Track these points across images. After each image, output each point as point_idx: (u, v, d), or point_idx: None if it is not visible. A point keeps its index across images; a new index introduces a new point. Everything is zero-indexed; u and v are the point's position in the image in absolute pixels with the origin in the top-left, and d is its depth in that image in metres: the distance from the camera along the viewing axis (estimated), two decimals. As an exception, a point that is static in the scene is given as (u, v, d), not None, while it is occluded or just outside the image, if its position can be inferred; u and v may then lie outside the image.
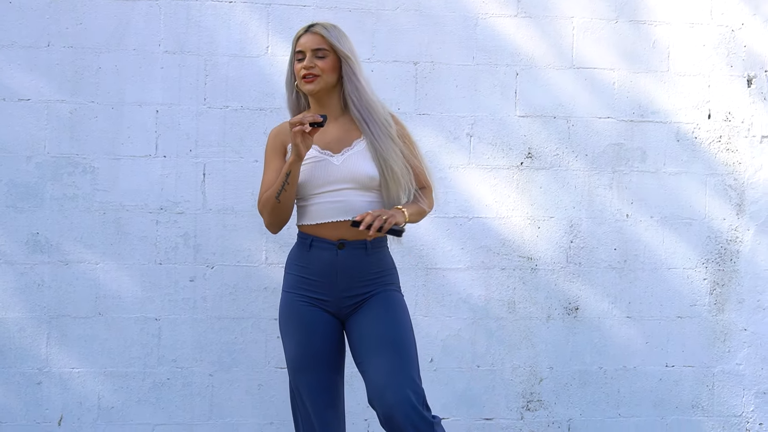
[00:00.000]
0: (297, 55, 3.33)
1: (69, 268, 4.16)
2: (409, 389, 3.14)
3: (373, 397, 3.17)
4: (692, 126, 4.57)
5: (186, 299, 4.23)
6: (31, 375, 4.15)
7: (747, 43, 4.60)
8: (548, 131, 4.47)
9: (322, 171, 3.28)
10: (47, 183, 4.15)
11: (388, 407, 3.11)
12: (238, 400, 4.26)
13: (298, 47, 3.33)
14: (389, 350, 3.19)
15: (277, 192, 3.24)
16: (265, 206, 3.30)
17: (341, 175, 3.28)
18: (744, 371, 4.60)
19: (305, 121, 3.14)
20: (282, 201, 3.25)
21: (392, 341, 3.21)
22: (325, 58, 3.31)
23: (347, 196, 3.28)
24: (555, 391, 4.48)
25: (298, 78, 3.33)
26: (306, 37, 3.33)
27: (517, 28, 4.44)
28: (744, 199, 4.60)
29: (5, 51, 4.12)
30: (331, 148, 3.31)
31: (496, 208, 4.44)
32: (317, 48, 3.31)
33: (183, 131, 4.23)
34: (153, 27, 4.21)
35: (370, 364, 3.20)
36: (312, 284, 3.29)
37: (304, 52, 3.32)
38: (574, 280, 4.49)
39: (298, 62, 3.33)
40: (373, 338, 3.22)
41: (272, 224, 3.33)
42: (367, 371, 3.20)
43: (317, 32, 3.33)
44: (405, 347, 3.22)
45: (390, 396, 3.12)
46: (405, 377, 3.15)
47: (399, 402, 3.11)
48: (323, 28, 3.34)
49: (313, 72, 3.30)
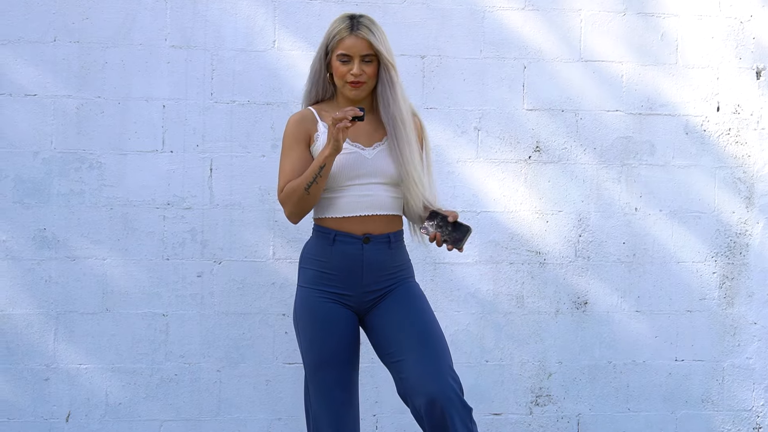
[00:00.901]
0: (341, 56, 3.28)
1: (76, 264, 4.17)
2: (450, 377, 3.18)
3: (413, 387, 3.18)
4: (701, 119, 4.57)
5: (193, 295, 4.23)
6: (39, 371, 4.15)
7: (756, 35, 4.60)
8: (556, 125, 4.47)
9: (353, 163, 3.27)
10: (54, 179, 4.15)
11: (432, 395, 3.13)
12: (246, 395, 4.27)
13: (343, 49, 3.27)
14: (424, 341, 3.22)
15: (308, 183, 3.22)
16: (290, 197, 3.27)
17: (372, 169, 3.28)
18: (754, 365, 4.60)
19: (348, 115, 3.13)
20: (311, 193, 3.24)
21: (425, 332, 3.24)
22: (371, 63, 3.29)
23: (375, 191, 3.28)
24: (564, 386, 4.48)
25: (342, 80, 3.29)
26: (353, 41, 3.27)
27: (524, 21, 4.44)
28: (753, 192, 4.60)
29: (11, 46, 4.12)
30: (362, 141, 3.31)
31: (505, 202, 4.44)
32: (365, 54, 3.28)
33: (190, 126, 4.23)
34: (159, 22, 4.21)
35: (404, 355, 3.21)
36: (333, 279, 3.29)
37: (351, 56, 3.27)
38: (583, 274, 4.49)
39: (343, 64, 3.28)
40: (404, 332, 3.24)
41: (294, 214, 3.31)
42: (401, 362, 3.21)
43: (365, 37, 3.27)
44: (437, 337, 3.25)
45: (432, 384, 3.14)
46: (444, 366, 3.19)
47: (442, 389, 3.14)
48: (369, 32, 3.28)
49: (361, 79, 3.28)
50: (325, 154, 3.19)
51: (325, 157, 3.19)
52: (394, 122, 3.30)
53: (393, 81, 3.31)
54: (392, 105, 3.30)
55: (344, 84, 3.30)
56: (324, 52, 3.33)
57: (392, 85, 3.31)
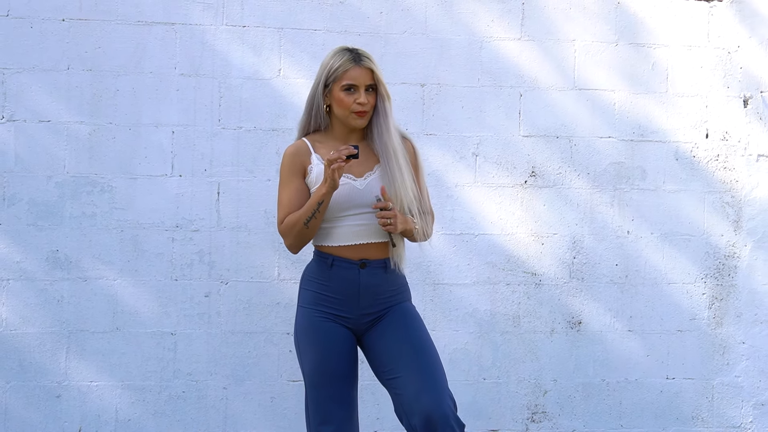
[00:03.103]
0: (347, 86, 3.34)
1: (87, 285, 4.25)
2: (446, 395, 3.24)
3: (409, 404, 3.24)
4: (690, 145, 4.65)
5: (201, 314, 4.31)
6: (51, 388, 4.23)
7: (743, 65, 4.69)
8: (551, 150, 4.56)
9: (346, 195, 3.35)
10: (67, 202, 4.23)
11: (428, 413, 3.19)
12: (252, 412, 4.34)
13: (349, 80, 3.34)
14: (420, 360, 3.28)
15: (307, 218, 3.31)
16: (291, 230, 3.37)
17: (364, 199, 3.36)
18: (743, 383, 4.67)
19: (342, 155, 3.22)
20: (310, 227, 3.33)
21: (421, 352, 3.30)
22: (372, 93, 3.38)
23: (369, 220, 3.36)
24: (559, 403, 4.55)
25: (347, 110, 3.36)
26: (358, 71, 3.35)
27: (520, 51, 4.54)
28: (741, 216, 4.68)
29: (27, 74, 4.21)
30: (354, 172, 3.38)
31: (501, 225, 4.52)
32: (369, 84, 3.37)
33: (198, 151, 4.31)
34: (169, 51, 4.30)
35: (401, 374, 3.27)
36: (332, 301, 3.37)
37: (356, 86, 3.35)
38: (577, 295, 4.57)
39: (348, 94, 3.35)
40: (401, 350, 3.31)
41: (294, 246, 3.40)
42: (397, 380, 3.28)
43: (369, 67, 3.36)
44: (433, 357, 3.31)
45: (428, 402, 3.20)
46: (440, 385, 3.25)
47: (438, 407, 3.19)
48: (371, 62, 3.38)
49: (366, 108, 3.36)
50: (321, 192, 3.28)
51: (322, 194, 3.28)
52: (386, 151, 3.37)
53: (386, 111, 3.40)
54: (385, 134, 3.38)
55: (349, 114, 3.37)
56: (323, 84, 3.39)
57: (386, 116, 3.40)
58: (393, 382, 3.31)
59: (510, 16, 4.52)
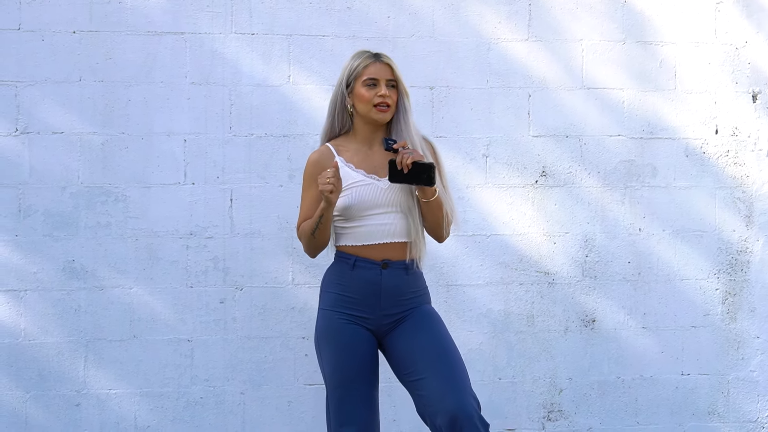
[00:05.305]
0: (368, 81, 3.40)
1: (104, 293, 4.28)
2: (470, 396, 3.27)
3: (433, 405, 3.25)
4: (700, 142, 4.67)
5: (217, 320, 4.34)
6: (70, 397, 4.26)
7: (751, 60, 4.70)
8: (561, 150, 4.58)
9: (369, 194, 3.38)
10: (81, 212, 4.27)
11: (453, 413, 3.21)
12: (269, 417, 4.36)
13: (369, 74, 3.40)
14: (443, 361, 3.30)
15: (313, 230, 3.37)
16: (302, 237, 3.45)
17: (388, 199, 3.39)
18: (758, 378, 4.68)
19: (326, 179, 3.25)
20: (317, 237, 3.39)
21: (444, 353, 3.33)
22: (393, 89, 3.43)
23: (393, 219, 3.40)
24: (575, 401, 4.57)
25: (369, 105, 3.40)
26: (378, 66, 3.42)
27: (528, 52, 4.56)
28: (753, 211, 4.70)
29: (39, 87, 4.25)
30: (377, 172, 3.42)
31: (513, 225, 4.54)
32: (390, 78, 3.42)
33: (210, 159, 4.34)
34: (179, 60, 4.33)
35: (425, 375, 3.29)
36: (353, 302, 3.39)
37: (377, 80, 3.41)
38: (591, 293, 4.59)
39: (369, 89, 3.40)
40: (424, 351, 3.33)
41: (309, 252, 3.47)
42: (421, 382, 3.29)
43: (388, 63, 3.43)
44: (456, 358, 3.33)
45: (453, 402, 3.22)
46: (464, 385, 3.27)
47: (463, 407, 3.22)
48: (390, 59, 3.45)
49: (388, 101, 3.40)
50: (322, 207, 3.33)
51: (322, 209, 3.33)
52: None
53: (407, 108, 3.45)
54: (405, 130, 3.43)
55: (371, 108, 3.40)
56: (345, 84, 3.45)
57: (406, 112, 3.45)
58: (416, 383, 3.33)
59: (517, 17, 4.54)
